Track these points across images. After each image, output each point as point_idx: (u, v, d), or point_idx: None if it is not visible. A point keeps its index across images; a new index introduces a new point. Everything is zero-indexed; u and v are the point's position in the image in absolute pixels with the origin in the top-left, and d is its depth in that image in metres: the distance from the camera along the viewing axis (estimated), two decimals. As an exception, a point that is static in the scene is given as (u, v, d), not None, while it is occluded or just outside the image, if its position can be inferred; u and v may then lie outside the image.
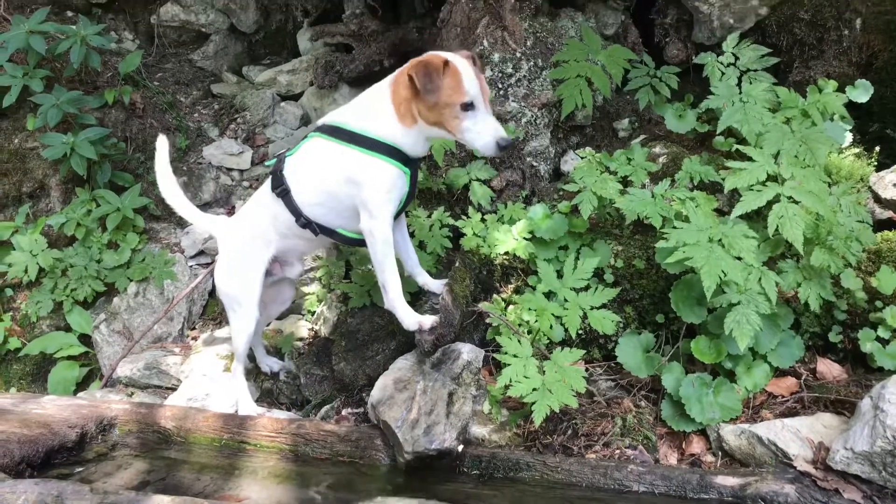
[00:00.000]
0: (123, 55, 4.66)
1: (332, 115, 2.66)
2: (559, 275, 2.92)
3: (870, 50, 3.40)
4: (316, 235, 2.75)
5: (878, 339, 2.64)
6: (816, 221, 2.63)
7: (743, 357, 2.62)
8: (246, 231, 2.88)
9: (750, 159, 2.68)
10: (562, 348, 2.67)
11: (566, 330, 2.80)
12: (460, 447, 2.45)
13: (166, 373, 3.40)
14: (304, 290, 3.55)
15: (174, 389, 3.28)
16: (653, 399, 2.73)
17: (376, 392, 2.62)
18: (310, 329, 3.46)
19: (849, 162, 3.10)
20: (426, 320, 2.65)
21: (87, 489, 2.02)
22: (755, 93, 3.11)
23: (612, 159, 3.19)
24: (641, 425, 2.59)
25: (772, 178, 2.63)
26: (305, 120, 4.98)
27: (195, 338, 3.69)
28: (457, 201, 3.45)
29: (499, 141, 2.43)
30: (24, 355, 3.79)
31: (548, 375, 2.53)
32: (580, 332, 2.88)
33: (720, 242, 2.53)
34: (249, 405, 2.95)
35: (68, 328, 3.81)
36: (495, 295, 3.03)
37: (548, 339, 2.81)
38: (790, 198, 2.57)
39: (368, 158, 2.51)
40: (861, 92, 3.31)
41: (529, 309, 2.82)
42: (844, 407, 2.50)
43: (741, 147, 2.80)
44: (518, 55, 3.58)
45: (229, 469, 2.53)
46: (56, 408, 2.73)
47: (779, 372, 2.69)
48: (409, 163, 2.57)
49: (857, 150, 3.17)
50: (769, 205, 2.57)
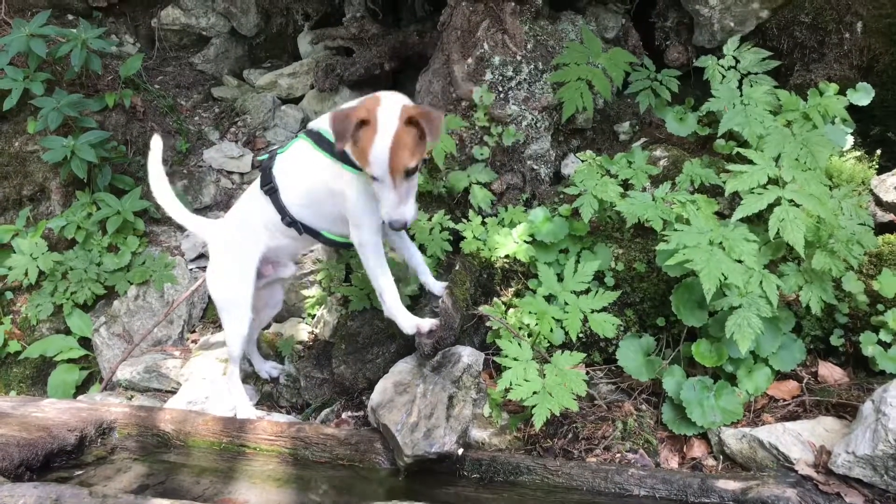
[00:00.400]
0: (124, 58, 4.66)
1: (321, 121, 2.65)
2: (560, 278, 2.91)
3: (871, 53, 3.40)
4: (300, 234, 2.75)
5: (880, 343, 2.63)
6: (818, 224, 2.62)
7: (744, 360, 2.61)
8: (235, 229, 2.86)
9: (751, 162, 2.68)
10: (562, 352, 2.66)
11: (566, 333, 2.79)
12: (460, 451, 2.44)
13: (166, 376, 3.39)
14: (304, 294, 3.54)
15: (174, 393, 3.27)
16: (654, 402, 2.72)
17: (376, 395, 2.61)
18: (310, 332, 3.45)
19: (850, 165, 3.10)
20: (424, 324, 2.65)
21: (87, 492, 2.00)
22: (756, 96, 3.10)
23: (613, 162, 3.19)
24: (642, 429, 2.58)
25: (773, 181, 2.63)
26: (306, 123, 4.96)
27: (195, 341, 3.68)
28: (457, 204, 3.44)
29: (391, 222, 2.35)
30: (24, 358, 3.79)
31: (548, 379, 2.52)
32: (581, 336, 2.88)
33: (721, 245, 2.53)
34: (247, 409, 2.95)
35: (68, 331, 3.81)
36: (496, 298, 3.02)
37: (548, 343, 2.81)
38: (791, 201, 2.57)
39: (347, 173, 2.50)
40: (862, 95, 3.30)
41: (530, 312, 2.81)
42: (846, 410, 2.49)
43: (742, 150, 2.79)
44: (518, 58, 3.58)
45: (229, 472, 2.52)
46: (55, 411, 2.72)
47: (780, 375, 2.68)
48: None
49: (859, 154, 3.17)
50: (770, 208, 2.56)
